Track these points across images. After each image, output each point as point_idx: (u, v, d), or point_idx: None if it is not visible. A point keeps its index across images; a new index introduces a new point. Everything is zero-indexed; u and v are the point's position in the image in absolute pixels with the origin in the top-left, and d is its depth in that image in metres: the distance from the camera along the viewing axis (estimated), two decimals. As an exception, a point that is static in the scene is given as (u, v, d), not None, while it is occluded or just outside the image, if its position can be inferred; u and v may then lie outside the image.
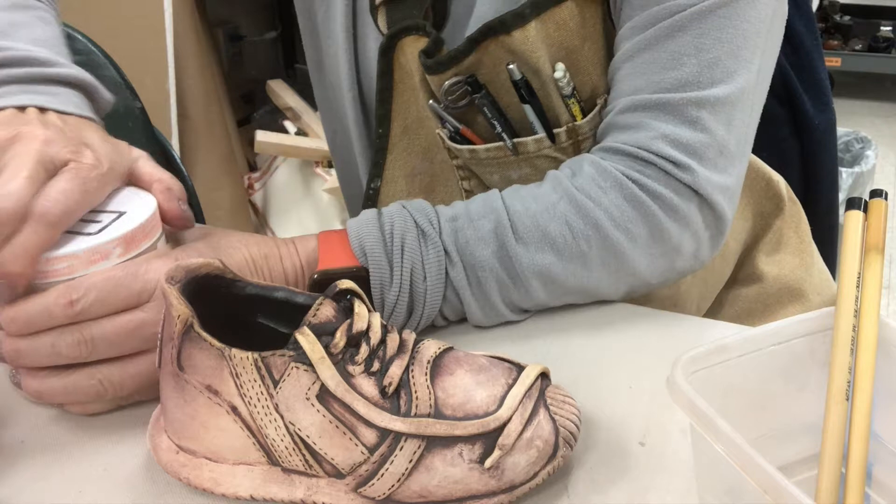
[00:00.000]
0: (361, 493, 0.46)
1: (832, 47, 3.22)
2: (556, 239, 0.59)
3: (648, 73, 0.60)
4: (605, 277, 0.61)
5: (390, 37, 0.68)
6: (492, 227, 0.59)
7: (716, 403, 0.41)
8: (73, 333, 0.49)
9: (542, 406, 0.47)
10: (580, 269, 0.60)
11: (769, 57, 0.63)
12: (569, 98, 0.66)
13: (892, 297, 2.11)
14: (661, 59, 0.59)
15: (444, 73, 0.66)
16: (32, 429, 0.54)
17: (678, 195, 0.59)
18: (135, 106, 0.99)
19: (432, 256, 0.58)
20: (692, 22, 0.58)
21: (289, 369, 0.44)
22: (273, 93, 2.21)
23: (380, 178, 0.76)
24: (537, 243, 0.59)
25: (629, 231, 0.59)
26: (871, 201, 0.49)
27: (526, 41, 0.63)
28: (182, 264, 0.47)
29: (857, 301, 0.46)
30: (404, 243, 0.58)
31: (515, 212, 0.59)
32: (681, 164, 0.59)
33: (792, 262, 0.83)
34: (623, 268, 0.60)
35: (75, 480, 0.50)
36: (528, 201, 0.60)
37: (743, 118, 0.61)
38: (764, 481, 0.37)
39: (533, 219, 0.59)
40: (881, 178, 2.61)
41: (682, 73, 0.59)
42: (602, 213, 0.59)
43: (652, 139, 0.59)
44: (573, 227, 0.59)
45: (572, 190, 0.60)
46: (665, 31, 0.59)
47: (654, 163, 0.59)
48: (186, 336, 0.45)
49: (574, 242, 0.59)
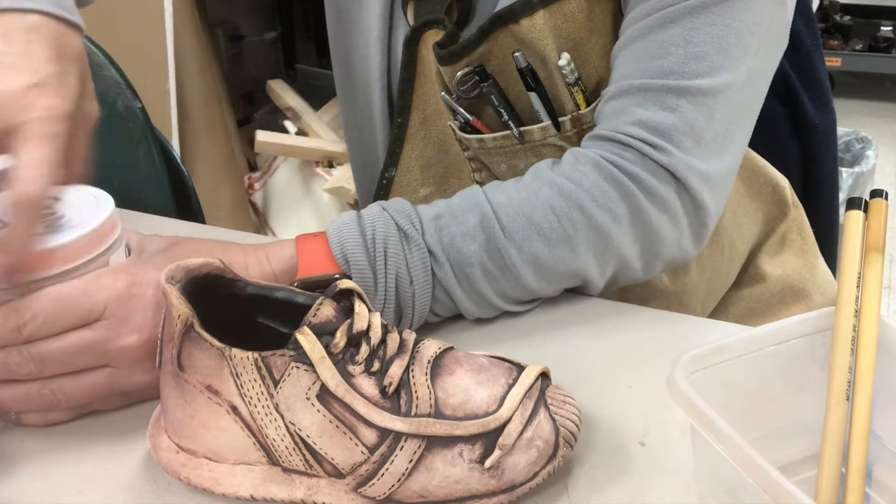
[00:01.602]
0: (361, 493, 0.46)
1: (832, 47, 3.22)
2: (542, 224, 0.59)
3: (637, 62, 0.61)
4: (592, 259, 0.60)
5: (414, 30, 0.70)
6: (477, 221, 0.59)
7: (716, 403, 0.41)
8: (21, 353, 0.48)
9: (542, 406, 0.47)
10: (568, 252, 0.59)
11: (767, 60, 0.64)
12: (573, 86, 0.66)
13: (892, 297, 2.11)
14: (650, 48, 0.60)
15: (455, 63, 0.67)
16: (32, 429, 0.54)
17: (654, 177, 0.60)
18: (135, 106, 0.99)
19: (417, 259, 0.57)
20: (685, 15, 0.59)
21: (289, 369, 0.44)
22: (273, 93, 2.21)
23: (395, 167, 0.77)
24: (524, 231, 0.59)
25: (611, 210, 0.59)
26: (872, 201, 0.49)
27: (533, 29, 0.64)
28: (182, 264, 0.47)
29: (858, 301, 0.46)
30: (387, 248, 0.57)
31: (499, 203, 0.59)
32: (657, 145, 0.59)
33: (795, 262, 0.84)
34: (609, 249, 0.60)
35: (75, 480, 0.50)
36: (511, 192, 0.60)
37: (725, 113, 0.61)
38: (764, 481, 0.37)
39: (517, 208, 0.59)
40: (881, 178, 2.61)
41: (668, 62, 0.59)
42: (584, 193, 0.59)
43: (629, 124, 0.60)
44: (557, 211, 0.59)
45: (552, 176, 0.60)
46: (658, 21, 0.60)
47: (630, 145, 0.60)
48: (186, 336, 0.45)
49: (560, 226, 0.59)
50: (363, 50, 0.78)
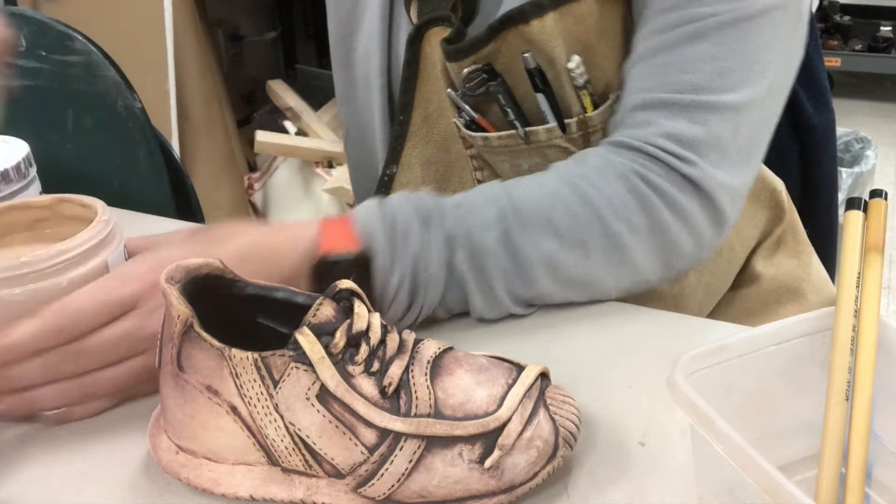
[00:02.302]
0: (361, 493, 0.46)
1: (832, 47, 3.22)
2: (559, 225, 0.59)
3: (662, 75, 0.62)
4: (606, 268, 0.61)
5: (418, 27, 0.71)
6: (495, 214, 0.59)
7: (716, 403, 0.41)
8: (62, 353, 0.49)
9: (542, 406, 0.47)
10: (582, 258, 0.60)
11: (784, 75, 0.65)
12: (581, 89, 0.67)
13: (892, 297, 2.11)
14: (676, 62, 0.61)
15: (463, 60, 0.67)
16: (32, 429, 0.54)
17: (681, 191, 0.60)
18: (135, 106, 0.99)
19: (435, 244, 0.58)
20: (713, 31, 0.60)
21: (289, 369, 0.44)
22: (273, 93, 2.21)
23: (396, 164, 0.77)
24: (541, 229, 0.59)
25: (630, 221, 0.60)
26: (871, 201, 0.49)
27: (543, 31, 0.64)
28: (182, 264, 0.47)
29: (857, 301, 0.46)
30: (408, 230, 0.58)
31: (519, 198, 0.60)
32: (685, 158, 0.60)
33: (790, 263, 0.84)
34: (623, 260, 0.61)
35: (75, 480, 0.50)
36: (532, 189, 0.61)
37: (749, 128, 0.62)
38: (764, 481, 0.37)
39: (536, 204, 0.60)
40: (881, 178, 2.61)
41: (696, 77, 0.60)
42: (604, 202, 0.60)
43: (658, 135, 0.61)
44: (575, 215, 0.59)
45: (575, 179, 0.61)
46: (684, 36, 0.61)
47: (658, 157, 0.60)
48: (186, 336, 0.45)
49: (576, 230, 0.59)
50: (363, 49, 0.78)
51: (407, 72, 0.73)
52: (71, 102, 1.01)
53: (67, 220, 0.59)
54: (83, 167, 1.01)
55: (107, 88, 0.99)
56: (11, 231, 0.59)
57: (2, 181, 0.67)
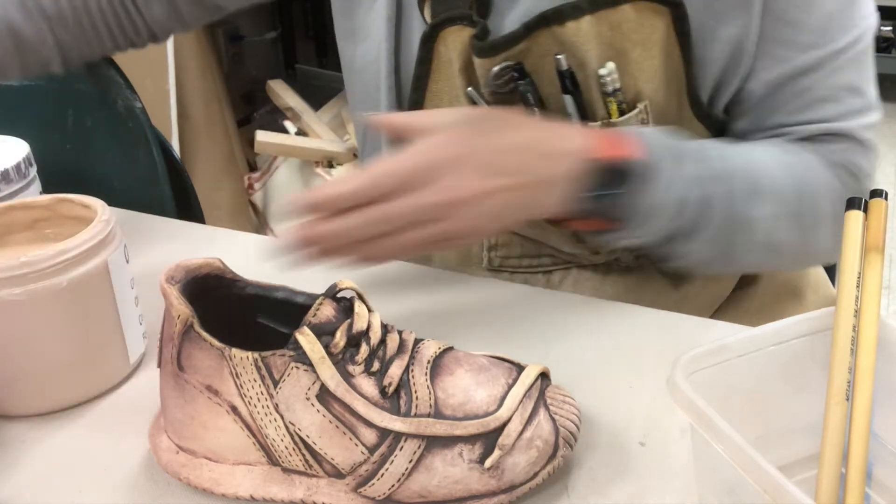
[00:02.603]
0: (361, 493, 0.46)
1: (832, 47, 3.21)
2: (789, 197, 0.65)
3: (826, 109, 0.68)
4: (812, 244, 0.67)
5: (434, 26, 0.70)
6: (732, 168, 0.64)
7: (716, 403, 0.41)
8: (378, 212, 0.54)
9: (542, 406, 0.47)
10: (797, 230, 0.65)
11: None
12: (609, 96, 0.67)
13: (892, 297, 2.11)
14: (832, 95, 0.68)
15: (494, 56, 0.67)
16: (32, 429, 0.54)
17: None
18: (135, 106, 0.99)
19: (696, 179, 0.62)
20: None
21: (289, 369, 0.44)
22: (273, 93, 2.21)
23: None
24: (765, 195, 0.64)
25: (836, 207, 0.63)
26: (871, 201, 0.49)
27: (578, 33, 0.64)
28: (182, 264, 0.47)
29: (857, 301, 0.46)
30: (682, 153, 0.62)
31: (755, 160, 0.65)
32: (861, 179, 0.68)
33: None
34: (818, 239, 0.67)
35: (75, 480, 0.50)
36: (765, 157, 0.66)
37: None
38: (764, 481, 0.37)
39: (764, 170, 0.64)
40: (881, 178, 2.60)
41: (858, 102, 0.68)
42: (826, 190, 0.66)
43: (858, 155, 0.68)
44: (799, 189, 0.65)
45: (805, 163, 0.66)
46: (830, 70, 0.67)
47: (854, 173, 0.68)
48: (186, 336, 0.45)
49: (813, 208, 0.65)
50: (372, 55, 0.77)
51: (419, 71, 0.73)
52: (71, 102, 1.01)
53: (67, 220, 0.59)
54: (83, 167, 1.01)
55: (107, 88, 0.99)
56: (11, 231, 0.59)
57: (2, 181, 0.67)
